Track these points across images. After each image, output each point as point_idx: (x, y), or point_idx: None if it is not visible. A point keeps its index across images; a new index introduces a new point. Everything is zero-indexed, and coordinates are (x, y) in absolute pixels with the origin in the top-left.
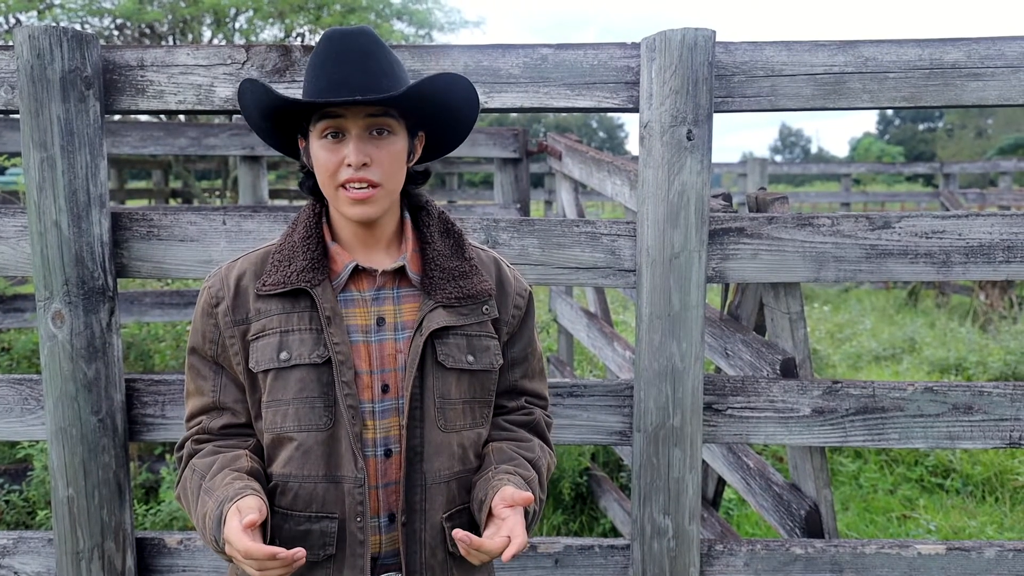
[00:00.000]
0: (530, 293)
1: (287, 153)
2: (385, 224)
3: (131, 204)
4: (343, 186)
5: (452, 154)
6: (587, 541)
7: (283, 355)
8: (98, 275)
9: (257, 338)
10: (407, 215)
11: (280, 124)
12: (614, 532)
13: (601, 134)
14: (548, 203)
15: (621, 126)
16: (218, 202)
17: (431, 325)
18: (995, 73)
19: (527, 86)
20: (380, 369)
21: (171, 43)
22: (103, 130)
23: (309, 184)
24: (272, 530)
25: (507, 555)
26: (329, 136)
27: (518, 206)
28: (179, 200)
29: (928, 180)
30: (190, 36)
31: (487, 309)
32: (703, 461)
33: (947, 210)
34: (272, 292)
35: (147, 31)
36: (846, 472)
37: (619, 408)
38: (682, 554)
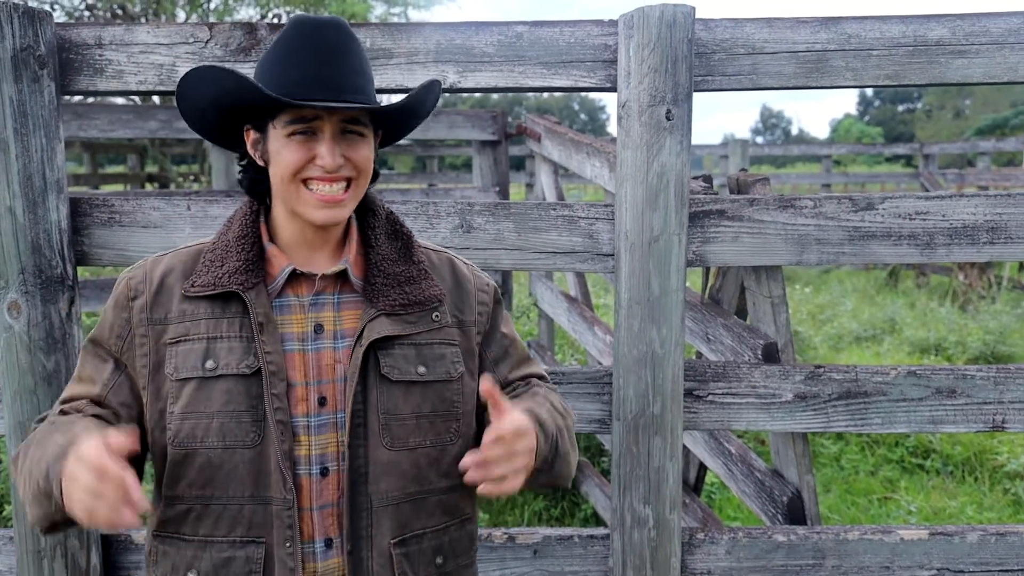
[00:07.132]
0: (494, 287)
1: (221, 143)
2: (336, 226)
3: (106, 189)
4: (307, 185)
5: (432, 137)
6: (566, 531)
7: (209, 363)
8: (56, 263)
9: (178, 342)
10: (353, 215)
11: (232, 113)
12: (595, 517)
13: (583, 116)
14: (529, 186)
15: (603, 108)
16: (195, 187)
17: (372, 335)
18: (980, 50)
19: (502, 65)
20: (317, 380)
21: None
22: (59, 112)
23: (249, 179)
24: (189, 561)
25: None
26: (298, 135)
27: (497, 189)
28: (155, 185)
29: (908, 161)
30: (163, 18)
31: (437, 316)
32: (684, 446)
33: (927, 191)
34: (201, 294)
35: (119, 12)
36: (828, 454)
37: (598, 396)
38: (663, 543)
